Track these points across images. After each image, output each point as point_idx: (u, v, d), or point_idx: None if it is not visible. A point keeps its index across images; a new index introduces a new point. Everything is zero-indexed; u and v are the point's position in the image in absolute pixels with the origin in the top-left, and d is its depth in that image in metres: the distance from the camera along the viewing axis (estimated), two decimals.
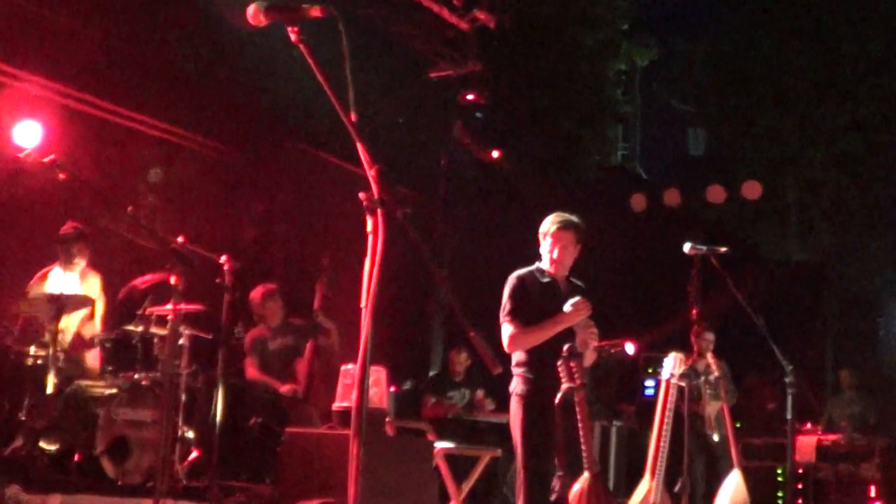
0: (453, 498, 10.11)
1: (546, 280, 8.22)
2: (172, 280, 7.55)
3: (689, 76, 30.91)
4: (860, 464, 13.99)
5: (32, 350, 9.29)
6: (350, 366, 8.37)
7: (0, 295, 10.35)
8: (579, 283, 8.47)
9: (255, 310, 11.32)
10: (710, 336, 11.98)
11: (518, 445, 8.01)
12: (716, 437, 12.05)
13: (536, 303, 8.11)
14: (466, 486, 10.55)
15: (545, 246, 8.25)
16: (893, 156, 24.34)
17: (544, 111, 22.74)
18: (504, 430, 10.89)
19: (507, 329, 8.03)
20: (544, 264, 8.28)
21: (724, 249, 8.99)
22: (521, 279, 8.21)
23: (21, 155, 8.36)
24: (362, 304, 3.83)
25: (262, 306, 11.26)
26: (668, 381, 9.46)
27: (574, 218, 8.31)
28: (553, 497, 7.95)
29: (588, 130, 25.21)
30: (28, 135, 10.18)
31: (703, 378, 12.03)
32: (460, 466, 10.71)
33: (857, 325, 23.50)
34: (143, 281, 10.17)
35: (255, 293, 11.30)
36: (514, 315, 8.05)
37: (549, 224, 8.26)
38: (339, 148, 13.93)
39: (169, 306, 8.17)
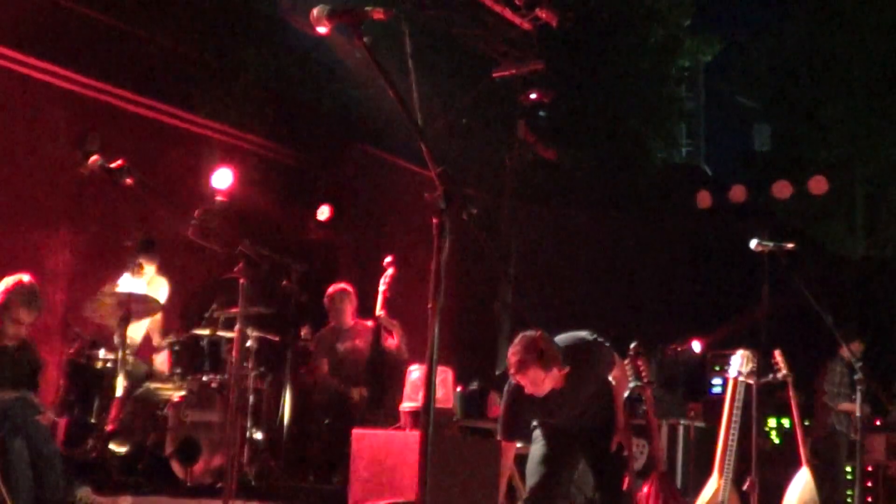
0: (520, 498, 10.10)
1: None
2: (240, 283, 7.61)
3: (753, 71, 30.66)
4: None
5: (102, 354, 9.39)
6: (417, 366, 8.38)
7: (70, 301, 10.47)
8: (583, 365, 7.45)
9: (328, 308, 11.36)
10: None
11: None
12: (857, 437, 12.06)
13: (532, 413, 7.69)
14: None
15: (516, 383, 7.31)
16: None
17: (607, 109, 22.69)
18: None
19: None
20: None
21: (790, 246, 8.91)
22: (511, 394, 7.43)
23: (88, 162, 8.44)
24: (429, 305, 3.83)
25: (333, 305, 11.29)
26: (735, 379, 9.41)
27: (531, 352, 7.00)
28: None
29: (652, 128, 25.12)
30: (94, 142, 10.30)
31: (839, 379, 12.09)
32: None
33: None
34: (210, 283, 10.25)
35: (330, 292, 11.34)
36: (506, 437, 7.65)
37: (509, 365, 7.20)
38: (404, 150, 13.97)
39: (236, 309, 8.23)
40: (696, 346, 14.27)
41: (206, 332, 9.76)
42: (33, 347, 8.28)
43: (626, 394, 8.24)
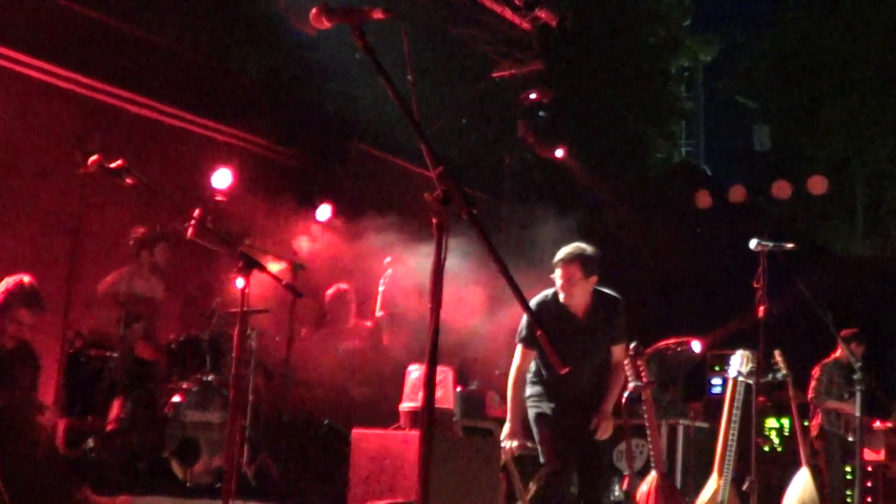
0: (520, 497, 10.12)
1: (561, 306, 8.10)
2: (240, 282, 7.60)
3: (752, 71, 30.68)
4: None
5: (102, 353, 9.38)
6: (416, 366, 8.38)
7: (71, 299, 10.47)
8: (611, 296, 8.26)
9: (328, 308, 11.37)
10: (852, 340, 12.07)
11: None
12: (850, 438, 12.04)
13: (551, 328, 7.89)
14: (534, 486, 10.54)
15: (555, 277, 8.11)
16: None
17: (607, 109, 22.71)
18: None
19: (517, 355, 8.24)
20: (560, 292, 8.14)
21: (790, 246, 8.90)
22: (539, 304, 8.12)
23: (89, 161, 8.45)
24: (428, 305, 3.82)
25: (333, 307, 11.30)
26: (734, 379, 9.41)
27: (579, 251, 8.05)
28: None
29: (652, 128, 25.14)
30: (94, 141, 10.30)
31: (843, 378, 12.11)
32: (527, 465, 10.68)
33: None
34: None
35: (330, 292, 11.36)
36: (528, 343, 8.18)
37: (556, 257, 8.10)
38: (404, 150, 13.97)
39: (236, 308, 8.22)
40: (696, 346, 14.25)
41: (206, 331, 9.76)
42: (32, 348, 8.28)
43: (625, 393, 8.36)
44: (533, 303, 8.08)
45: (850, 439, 12.14)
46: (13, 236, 10.66)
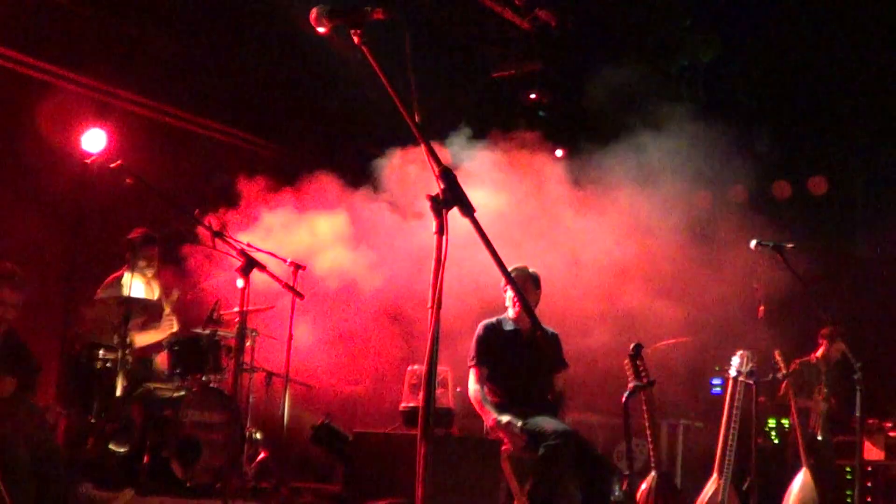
0: (517, 497, 10.12)
1: (510, 328, 8.61)
2: (240, 283, 7.60)
3: (752, 71, 30.60)
4: None
5: (102, 353, 9.37)
6: (416, 366, 8.38)
7: (71, 299, 10.46)
8: (549, 330, 8.71)
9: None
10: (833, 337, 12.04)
11: None
12: (819, 437, 12.00)
13: (499, 351, 8.49)
14: (529, 486, 10.53)
15: (507, 296, 8.59)
16: None
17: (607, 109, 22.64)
18: None
19: (471, 376, 8.47)
20: (509, 313, 8.67)
21: (790, 245, 8.91)
22: (485, 328, 8.60)
23: (88, 161, 8.45)
24: (428, 305, 3.81)
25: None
26: (735, 379, 9.41)
27: (527, 268, 8.69)
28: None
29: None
30: (95, 141, 10.30)
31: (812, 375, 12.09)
32: (524, 466, 10.67)
33: None
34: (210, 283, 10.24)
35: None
36: (478, 362, 8.47)
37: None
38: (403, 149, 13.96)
39: (236, 309, 8.22)
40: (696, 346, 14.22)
41: (206, 331, 9.75)
42: (20, 337, 8.17)
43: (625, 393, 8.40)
44: (480, 327, 8.60)
45: (819, 437, 12.10)
46: (13, 235, 10.66)
